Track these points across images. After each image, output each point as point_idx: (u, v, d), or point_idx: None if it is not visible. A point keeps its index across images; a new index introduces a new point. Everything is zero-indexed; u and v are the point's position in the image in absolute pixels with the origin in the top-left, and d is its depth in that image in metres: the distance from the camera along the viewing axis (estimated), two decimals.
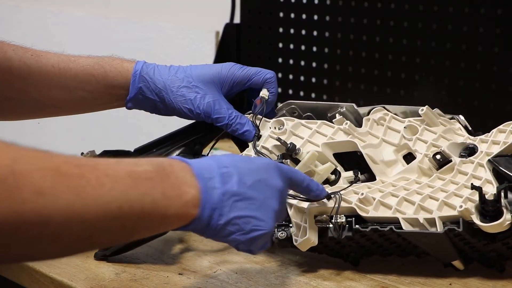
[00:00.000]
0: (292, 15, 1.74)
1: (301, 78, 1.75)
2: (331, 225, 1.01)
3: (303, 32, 1.73)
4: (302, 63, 1.74)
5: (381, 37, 1.62)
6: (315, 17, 1.70)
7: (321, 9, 1.69)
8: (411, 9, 1.57)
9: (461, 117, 1.12)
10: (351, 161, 1.10)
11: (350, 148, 1.10)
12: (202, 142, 1.16)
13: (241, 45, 1.81)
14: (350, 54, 1.67)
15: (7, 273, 1.13)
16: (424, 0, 1.55)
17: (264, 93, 1.13)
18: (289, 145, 1.07)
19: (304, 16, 1.72)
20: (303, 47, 1.74)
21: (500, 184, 1.00)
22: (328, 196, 0.99)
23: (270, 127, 1.13)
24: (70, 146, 2.21)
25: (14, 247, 0.68)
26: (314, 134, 1.11)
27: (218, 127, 1.13)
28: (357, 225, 1.01)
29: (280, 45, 1.77)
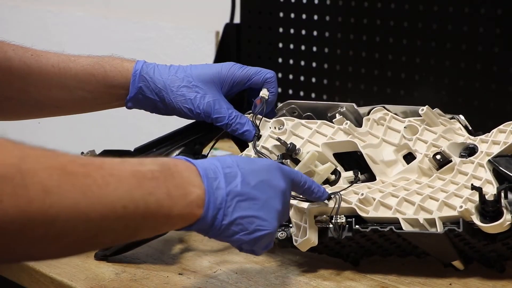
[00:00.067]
0: (292, 15, 1.74)
1: (301, 78, 1.75)
2: (331, 225, 1.01)
3: (303, 32, 1.73)
4: (302, 63, 1.74)
5: (381, 37, 1.62)
6: (315, 17, 1.70)
7: (321, 9, 1.69)
8: (411, 9, 1.57)
9: (461, 117, 1.12)
10: (351, 161, 1.10)
11: (350, 148, 1.09)
12: (202, 142, 1.16)
13: (241, 45, 1.81)
14: (350, 54, 1.67)
15: (7, 273, 1.13)
16: (424, 0, 1.55)
17: (264, 93, 1.13)
18: (289, 145, 1.06)
19: (304, 16, 1.72)
20: (303, 47, 1.73)
21: (500, 184, 1.00)
22: (328, 197, 0.99)
23: (270, 127, 1.13)
24: (70, 146, 2.20)
25: (18, 247, 0.68)
26: (314, 134, 1.11)
27: (218, 127, 1.13)
28: (357, 226, 1.01)
29: (280, 45, 1.77)
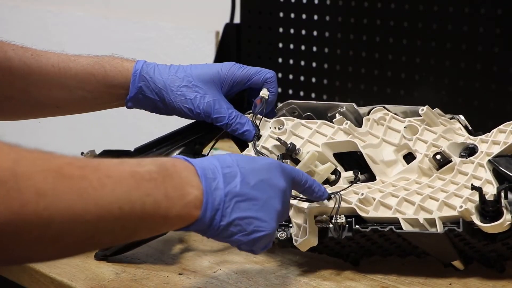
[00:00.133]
0: (292, 15, 1.74)
1: (301, 78, 1.75)
2: (331, 225, 1.01)
3: (303, 32, 1.73)
4: (302, 63, 1.74)
5: (381, 37, 1.62)
6: (315, 17, 1.70)
7: (321, 9, 1.69)
8: (411, 9, 1.57)
9: (461, 117, 1.12)
10: (351, 161, 1.10)
11: (350, 148, 1.09)
12: (202, 142, 1.16)
13: (241, 45, 1.81)
14: (350, 54, 1.67)
15: (7, 273, 1.13)
16: (424, 0, 1.55)
17: (264, 93, 1.13)
18: (289, 145, 1.06)
19: (304, 16, 1.72)
20: (303, 47, 1.73)
21: (500, 184, 1.00)
22: (328, 197, 0.99)
23: (270, 127, 1.13)
24: (70, 146, 2.21)
25: (16, 249, 0.68)
26: (314, 134, 1.11)
27: (218, 126, 1.13)
28: (357, 226, 1.01)
29: (280, 45, 1.77)
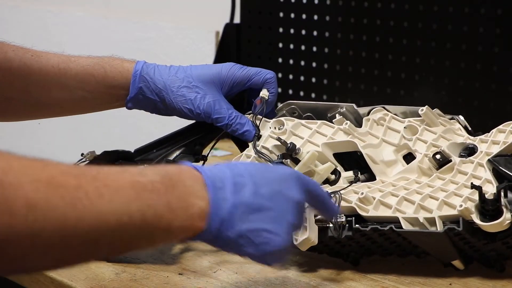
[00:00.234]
0: (292, 15, 1.74)
1: (301, 78, 1.75)
2: (331, 224, 1.01)
3: (303, 32, 1.73)
4: (302, 63, 1.74)
5: (381, 37, 1.62)
6: (315, 17, 1.70)
7: (321, 9, 1.69)
8: (411, 9, 1.57)
9: (461, 118, 1.12)
10: (351, 161, 1.10)
11: (350, 148, 1.09)
12: (202, 143, 1.16)
13: (241, 45, 1.81)
14: (350, 54, 1.67)
15: None
16: (424, 0, 1.55)
17: (264, 93, 1.13)
18: (289, 144, 1.07)
19: (304, 16, 1.72)
20: (303, 47, 1.73)
21: (500, 184, 1.00)
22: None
23: (270, 127, 1.13)
24: (70, 147, 2.21)
25: (5, 260, 0.66)
26: (314, 134, 1.11)
27: (218, 127, 1.13)
28: (357, 225, 1.01)
29: (280, 45, 1.77)
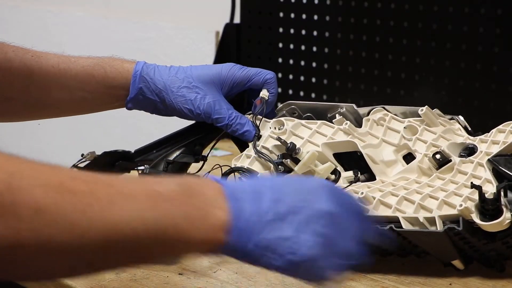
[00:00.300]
0: (292, 15, 1.74)
1: (301, 78, 1.75)
2: None
3: (303, 32, 1.73)
4: (302, 63, 1.74)
5: (381, 37, 1.62)
6: (315, 17, 1.70)
7: (321, 9, 1.69)
8: (411, 9, 1.57)
9: (461, 118, 1.12)
10: (351, 161, 1.10)
11: (350, 148, 1.10)
12: (202, 143, 1.16)
13: (241, 45, 1.81)
14: (350, 54, 1.67)
15: None
16: (424, 0, 1.55)
17: (264, 93, 1.13)
18: (289, 144, 1.07)
19: (304, 16, 1.72)
20: (303, 47, 1.74)
21: (500, 183, 1.00)
22: None
23: (270, 127, 1.13)
24: (70, 147, 2.21)
25: (11, 266, 0.64)
26: (314, 134, 1.11)
27: (218, 127, 1.13)
28: None
29: (280, 45, 1.77)
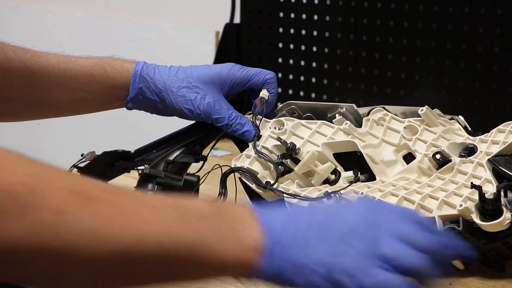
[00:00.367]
0: (292, 15, 1.74)
1: (301, 78, 1.75)
2: None
3: (303, 32, 1.73)
4: (302, 63, 1.74)
5: (381, 37, 1.62)
6: (315, 17, 1.70)
7: (321, 9, 1.69)
8: (411, 9, 1.57)
9: (461, 118, 1.12)
10: (351, 161, 1.10)
11: (350, 148, 1.09)
12: (202, 143, 1.16)
13: (241, 45, 1.81)
14: (350, 54, 1.67)
15: None
16: (424, 0, 1.55)
17: (264, 93, 1.13)
18: (289, 144, 1.07)
19: (304, 16, 1.72)
20: (303, 47, 1.74)
21: (500, 183, 1.00)
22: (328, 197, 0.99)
23: (270, 127, 1.13)
24: (70, 147, 2.21)
25: (27, 270, 0.60)
26: (314, 134, 1.11)
27: (218, 127, 1.13)
28: None
29: (280, 45, 1.77)
